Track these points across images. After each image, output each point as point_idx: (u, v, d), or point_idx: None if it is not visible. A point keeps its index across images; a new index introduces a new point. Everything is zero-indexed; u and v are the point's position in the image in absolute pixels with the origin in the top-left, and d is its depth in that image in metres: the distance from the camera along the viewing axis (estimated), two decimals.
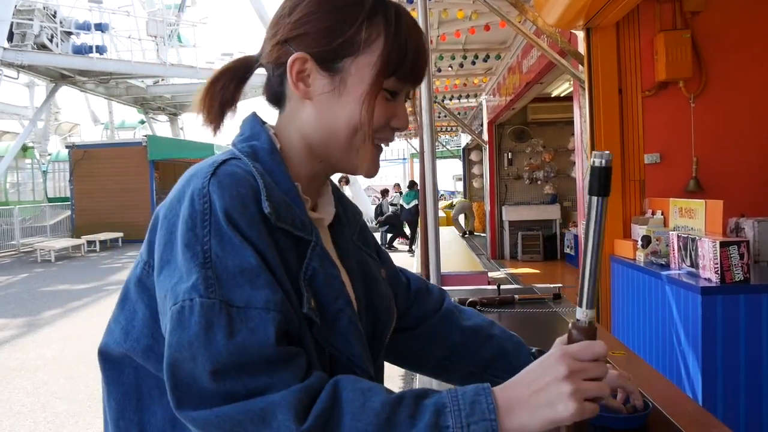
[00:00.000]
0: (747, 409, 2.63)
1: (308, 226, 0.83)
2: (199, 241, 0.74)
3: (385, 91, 0.86)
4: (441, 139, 20.30)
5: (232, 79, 0.91)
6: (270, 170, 0.83)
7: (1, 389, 5.07)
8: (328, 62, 0.84)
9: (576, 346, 0.75)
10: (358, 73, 0.84)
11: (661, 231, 3.22)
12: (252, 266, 0.73)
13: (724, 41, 3.61)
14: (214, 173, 0.78)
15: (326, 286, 0.81)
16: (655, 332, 3.07)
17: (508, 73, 8.03)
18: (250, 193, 0.77)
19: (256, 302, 0.72)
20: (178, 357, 0.70)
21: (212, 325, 0.70)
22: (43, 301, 9.09)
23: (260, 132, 0.88)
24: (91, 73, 18.20)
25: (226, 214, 0.74)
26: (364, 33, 0.83)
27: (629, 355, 1.72)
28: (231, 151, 0.85)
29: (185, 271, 0.73)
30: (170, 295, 0.74)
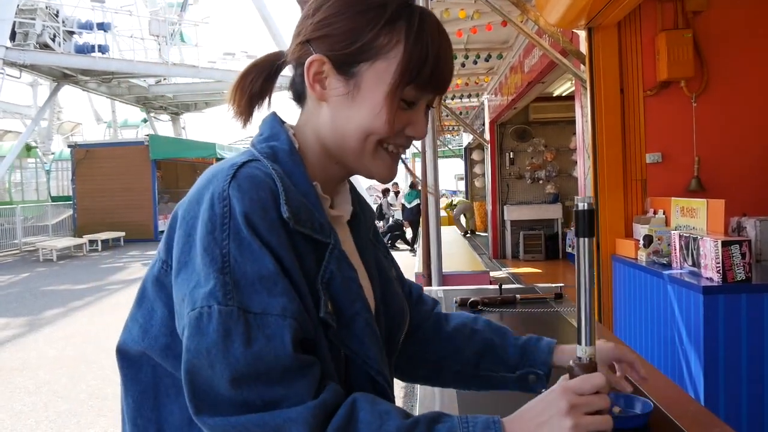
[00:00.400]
0: (749, 409, 2.62)
1: (327, 228, 0.82)
2: (218, 245, 0.74)
3: (402, 101, 0.84)
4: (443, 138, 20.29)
5: (260, 73, 0.91)
6: (289, 172, 0.83)
7: (3, 388, 5.08)
8: (344, 66, 0.83)
9: (576, 380, 0.77)
10: (373, 79, 0.83)
11: (662, 230, 3.22)
12: (270, 273, 0.74)
13: (726, 41, 3.61)
14: (234, 176, 0.77)
15: (343, 289, 0.82)
16: (656, 332, 3.07)
17: (510, 73, 8.02)
18: (269, 196, 0.77)
19: (273, 309, 0.72)
20: (197, 363, 0.72)
21: (230, 332, 0.71)
22: (44, 300, 9.10)
23: (280, 132, 0.88)
24: (93, 73, 18.22)
25: (246, 218, 0.74)
26: (382, 38, 0.82)
27: None
28: (250, 152, 0.85)
29: (203, 275, 0.73)
30: (188, 299, 0.74)
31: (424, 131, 0.88)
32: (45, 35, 17.13)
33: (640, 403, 1.21)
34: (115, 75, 18.49)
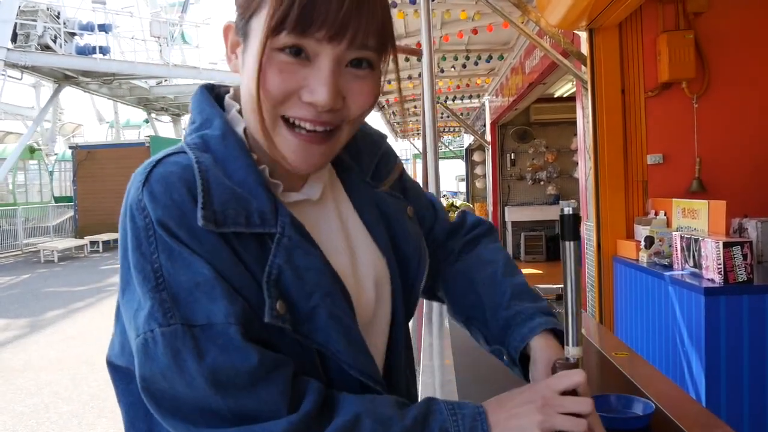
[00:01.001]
0: (750, 410, 2.62)
1: (270, 216, 0.73)
2: (147, 261, 0.68)
3: (280, 52, 0.70)
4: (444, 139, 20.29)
5: None
6: (222, 158, 0.74)
7: (5, 390, 5.08)
8: (241, 27, 0.75)
9: (553, 377, 0.76)
10: (255, 32, 0.72)
11: (664, 231, 3.21)
12: (206, 278, 0.68)
13: (727, 42, 3.60)
14: (146, 180, 0.71)
15: (296, 281, 0.72)
16: (658, 333, 3.07)
17: (511, 74, 8.02)
18: (186, 197, 0.69)
19: (217, 316, 0.67)
20: (156, 388, 0.68)
21: (179, 351, 0.66)
22: (46, 301, 9.10)
23: (212, 116, 0.78)
24: (94, 74, 18.24)
25: (163, 227, 0.68)
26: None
27: (632, 356, 1.72)
28: (178, 146, 0.76)
29: (141, 296, 0.69)
30: (132, 325, 0.70)
31: (325, 96, 0.70)
32: (46, 37, 17.15)
33: (642, 404, 1.21)
34: (116, 76, 18.51)
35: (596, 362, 1.73)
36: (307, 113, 0.72)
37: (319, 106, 0.71)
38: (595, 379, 1.63)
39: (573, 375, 0.75)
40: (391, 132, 16.45)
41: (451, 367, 1.65)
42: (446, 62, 8.14)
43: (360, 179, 0.90)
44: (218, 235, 0.70)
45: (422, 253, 0.92)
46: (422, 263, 0.92)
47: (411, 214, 0.95)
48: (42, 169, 21.99)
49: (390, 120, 13.81)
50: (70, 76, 18.19)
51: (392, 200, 0.92)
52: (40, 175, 22.05)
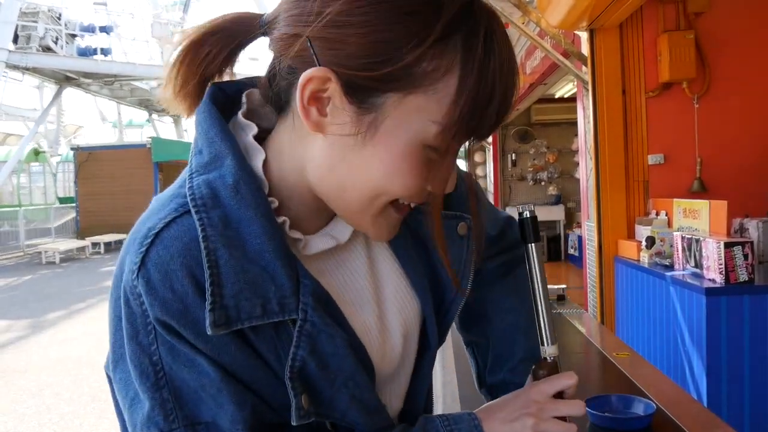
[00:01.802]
0: (752, 410, 2.62)
1: (290, 300, 0.62)
2: (146, 353, 0.61)
3: (430, 149, 0.60)
4: None
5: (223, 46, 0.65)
6: (235, 220, 0.60)
7: (6, 391, 5.09)
8: (361, 93, 0.58)
9: (544, 381, 0.75)
10: (401, 120, 0.58)
11: (665, 232, 3.21)
12: (211, 380, 0.60)
13: (728, 42, 3.60)
14: (142, 263, 0.59)
15: (320, 371, 0.64)
16: (659, 333, 3.06)
17: None
18: (189, 287, 0.59)
19: (223, 421, 0.61)
20: None
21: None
22: (47, 302, 9.11)
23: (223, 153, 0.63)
24: (95, 75, 18.28)
25: (163, 325, 0.59)
26: (427, 62, 0.56)
27: (633, 356, 1.72)
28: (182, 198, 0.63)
29: (139, 389, 0.62)
30: (128, 416, 0.64)
31: (452, 185, 0.66)
32: (47, 38, 17.18)
33: (643, 404, 1.21)
34: (117, 77, 18.53)
35: (597, 362, 1.73)
36: (423, 199, 0.66)
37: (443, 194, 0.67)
38: (596, 380, 1.63)
39: (564, 378, 0.74)
40: None
41: (453, 370, 1.65)
42: None
43: None
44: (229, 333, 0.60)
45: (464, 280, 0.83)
46: (458, 296, 0.82)
47: (463, 231, 0.81)
48: (46, 172, 22.10)
49: None
50: (72, 77, 18.22)
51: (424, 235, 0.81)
52: (45, 178, 22.15)
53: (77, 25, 18.38)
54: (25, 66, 16.15)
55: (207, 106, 0.66)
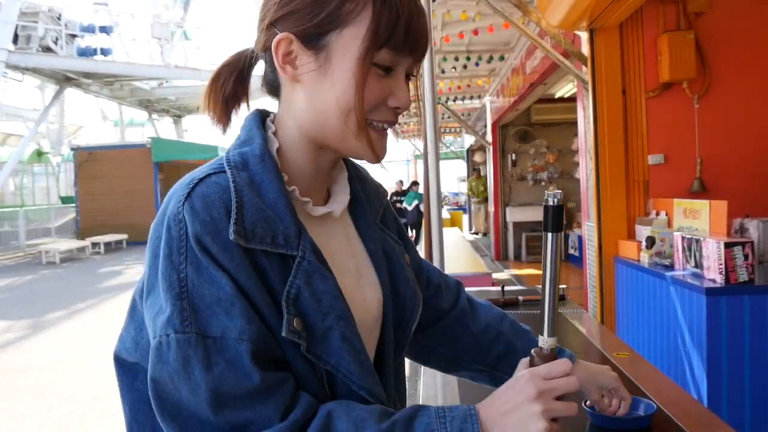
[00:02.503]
0: (752, 410, 2.62)
1: (293, 240, 0.78)
2: (175, 269, 0.73)
3: (377, 66, 0.79)
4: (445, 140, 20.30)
5: (231, 74, 0.88)
6: (259, 180, 0.79)
7: (6, 391, 5.09)
8: (313, 39, 0.79)
9: (543, 366, 0.77)
10: (343, 48, 0.78)
11: (665, 232, 3.21)
12: (227, 295, 0.72)
13: (728, 42, 3.60)
14: (188, 195, 0.75)
15: (313, 302, 0.77)
16: (659, 333, 3.06)
17: (512, 75, 8.02)
18: (224, 215, 0.74)
19: (231, 332, 0.71)
20: (163, 390, 0.72)
21: (189, 359, 0.71)
22: (47, 303, 9.11)
23: (255, 135, 0.84)
24: (95, 76, 18.27)
25: (198, 241, 0.73)
26: (349, 4, 0.78)
27: (634, 356, 1.72)
28: (218, 163, 0.82)
29: (163, 301, 0.73)
30: (151, 327, 0.75)
31: (408, 100, 0.83)
32: (47, 38, 17.16)
33: (643, 404, 1.21)
34: (117, 78, 18.53)
35: (597, 362, 1.73)
36: (391, 116, 0.84)
37: (404, 109, 0.83)
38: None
39: (561, 364, 0.77)
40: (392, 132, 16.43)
41: None
42: (447, 63, 8.14)
43: (372, 218, 0.97)
44: (246, 252, 0.75)
45: (417, 299, 0.97)
46: (417, 309, 0.97)
47: (408, 262, 1.01)
48: (49, 173, 22.16)
49: None
50: (72, 77, 18.21)
51: (395, 245, 0.99)
52: (47, 179, 22.22)
53: (77, 26, 18.35)
54: (25, 66, 16.15)
55: (254, 112, 0.89)
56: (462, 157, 22.06)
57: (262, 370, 0.72)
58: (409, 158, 30.86)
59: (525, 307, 2.34)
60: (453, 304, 1.13)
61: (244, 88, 0.89)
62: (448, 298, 1.13)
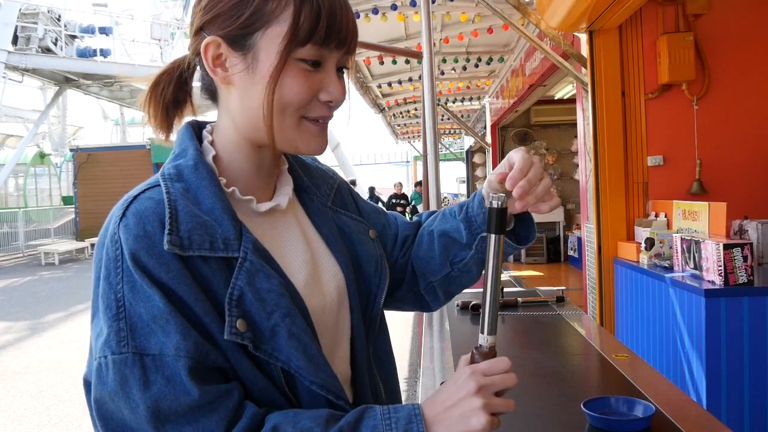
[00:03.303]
0: (751, 412, 2.62)
1: (233, 242, 0.79)
2: (113, 290, 0.74)
3: (303, 62, 0.80)
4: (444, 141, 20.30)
5: (169, 81, 0.89)
6: (194, 188, 0.81)
7: (5, 393, 5.08)
8: (239, 40, 0.80)
9: (484, 363, 0.78)
10: (268, 47, 0.79)
11: (664, 233, 3.21)
12: (161, 312, 0.72)
13: (727, 44, 3.61)
14: (123, 215, 0.77)
15: (257, 302, 0.77)
16: (658, 335, 3.07)
17: (511, 76, 8.03)
18: (158, 228, 0.75)
19: (168, 349, 0.72)
20: (106, 409, 0.73)
21: (127, 379, 0.71)
22: (47, 304, 9.11)
23: (188, 146, 0.85)
24: (95, 77, 18.27)
25: (132, 257, 0.74)
26: (270, 3, 0.79)
27: (633, 358, 1.72)
28: (155, 179, 0.83)
29: (103, 323, 0.74)
30: (93, 348, 0.76)
31: (341, 94, 0.84)
32: (47, 39, 17.16)
33: (642, 406, 1.21)
34: (116, 79, 18.52)
35: (597, 364, 1.73)
36: (325, 110, 0.84)
37: (336, 103, 0.84)
38: (595, 381, 1.63)
39: (501, 362, 0.78)
40: (392, 134, 16.45)
41: (452, 370, 1.65)
42: (446, 64, 8.15)
43: (320, 203, 0.98)
44: (184, 261, 0.75)
45: (383, 272, 0.98)
46: (382, 282, 0.98)
47: (373, 236, 1.01)
48: (52, 174, 22.20)
49: (390, 122, 13.81)
50: (71, 78, 18.21)
51: (353, 223, 1.00)
52: (50, 180, 22.26)
53: (77, 27, 18.36)
54: (24, 67, 16.15)
55: (185, 125, 0.90)
56: (461, 159, 22.07)
57: (202, 384, 0.72)
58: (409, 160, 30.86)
59: (524, 309, 2.34)
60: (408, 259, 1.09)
61: (184, 94, 0.91)
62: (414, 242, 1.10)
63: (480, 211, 0.98)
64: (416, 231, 1.10)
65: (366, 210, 1.07)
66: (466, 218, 1.00)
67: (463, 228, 1.00)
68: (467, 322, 2.24)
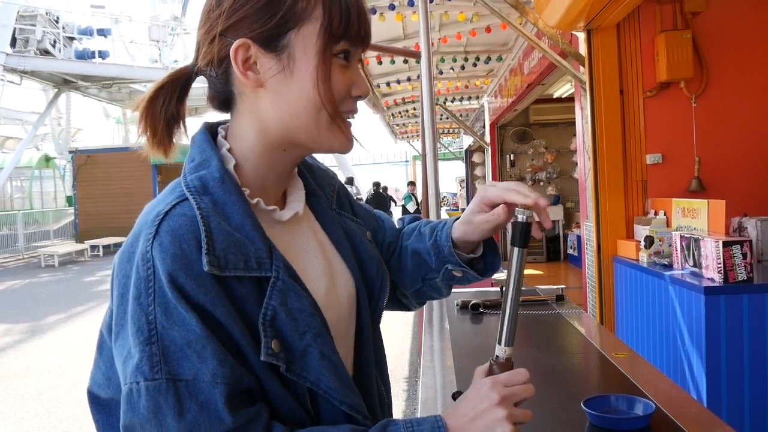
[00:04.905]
0: (751, 409, 2.62)
1: (266, 260, 0.77)
2: (143, 312, 0.71)
3: (339, 57, 0.81)
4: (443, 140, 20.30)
5: (172, 93, 0.85)
6: (221, 202, 0.78)
7: (5, 395, 5.08)
8: (272, 41, 0.79)
9: (504, 375, 0.79)
10: (304, 45, 0.79)
11: (663, 231, 3.21)
12: (198, 336, 0.70)
13: (725, 41, 3.61)
14: (156, 233, 0.73)
15: (290, 323, 0.77)
16: (658, 333, 3.07)
17: (510, 75, 8.03)
18: (194, 247, 0.73)
19: (204, 375, 0.70)
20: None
21: (160, 407, 0.69)
22: (46, 306, 9.10)
23: (210, 156, 0.82)
24: (93, 78, 18.29)
25: (170, 279, 0.71)
26: (301, 2, 0.79)
27: (633, 356, 1.72)
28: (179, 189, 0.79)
29: (132, 345, 0.71)
30: (121, 371, 0.74)
31: (368, 88, 0.86)
32: (45, 41, 17.17)
33: (642, 404, 1.21)
34: (115, 81, 18.54)
35: (596, 362, 1.73)
36: (354, 106, 0.85)
37: (365, 96, 0.85)
38: (595, 380, 1.64)
39: (521, 374, 0.79)
40: (391, 133, 16.45)
41: (452, 369, 1.65)
42: (445, 64, 8.15)
43: (327, 206, 0.98)
44: (220, 282, 0.73)
45: (384, 274, 0.99)
46: (385, 283, 0.98)
47: (370, 237, 1.03)
48: (56, 177, 22.27)
49: (390, 122, 13.81)
50: (70, 80, 18.21)
51: (355, 225, 1.00)
52: (55, 183, 22.33)
53: (75, 28, 18.37)
54: (23, 69, 16.15)
55: (202, 130, 0.86)
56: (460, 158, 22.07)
57: (234, 409, 0.71)
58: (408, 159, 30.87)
59: (524, 308, 2.34)
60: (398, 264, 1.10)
61: (184, 108, 0.87)
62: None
63: (447, 243, 0.99)
64: (398, 238, 1.11)
65: (361, 211, 1.07)
66: (435, 245, 1.01)
67: (432, 253, 1.01)
68: (467, 321, 2.24)
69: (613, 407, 1.23)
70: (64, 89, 18.85)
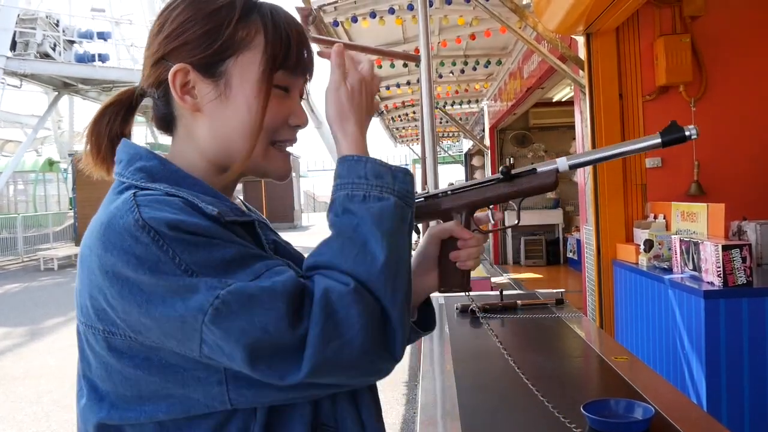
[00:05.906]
0: (752, 414, 2.62)
1: (243, 210, 0.84)
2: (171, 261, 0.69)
3: (277, 88, 0.83)
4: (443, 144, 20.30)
5: (117, 113, 0.88)
6: (175, 182, 0.79)
7: (4, 398, 5.07)
8: (210, 67, 0.81)
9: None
10: (242, 73, 0.81)
11: (663, 235, 3.22)
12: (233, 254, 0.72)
13: (724, 45, 3.61)
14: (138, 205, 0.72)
15: (285, 252, 0.86)
16: (658, 337, 3.06)
17: (509, 79, 8.04)
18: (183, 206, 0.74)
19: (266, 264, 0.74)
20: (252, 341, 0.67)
21: (253, 297, 0.68)
22: (46, 309, 9.10)
23: (138, 150, 0.82)
24: (93, 82, 18.28)
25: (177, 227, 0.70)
26: (241, 31, 0.81)
27: (632, 360, 1.72)
28: (121, 185, 0.79)
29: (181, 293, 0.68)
30: (189, 316, 0.68)
31: (307, 118, 0.87)
32: (45, 45, 17.18)
33: (642, 408, 1.21)
34: (115, 84, 18.54)
35: (596, 366, 1.73)
36: (292, 135, 0.87)
37: (303, 126, 0.87)
38: (595, 384, 1.63)
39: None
40: (391, 137, 16.45)
41: (452, 373, 1.64)
42: (444, 68, 8.16)
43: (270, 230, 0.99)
44: (225, 227, 0.75)
45: None
46: None
47: None
48: (60, 180, 22.33)
49: (389, 125, 13.82)
50: (70, 83, 18.22)
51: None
52: (59, 187, 22.37)
53: (75, 32, 18.39)
54: (23, 72, 16.16)
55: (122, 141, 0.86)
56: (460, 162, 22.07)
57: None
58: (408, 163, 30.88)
59: (524, 311, 2.34)
60: None
61: (130, 127, 0.90)
62: None
63: None
64: None
65: None
66: None
67: None
68: (467, 325, 2.24)
69: (612, 411, 1.23)
70: (64, 92, 18.85)
